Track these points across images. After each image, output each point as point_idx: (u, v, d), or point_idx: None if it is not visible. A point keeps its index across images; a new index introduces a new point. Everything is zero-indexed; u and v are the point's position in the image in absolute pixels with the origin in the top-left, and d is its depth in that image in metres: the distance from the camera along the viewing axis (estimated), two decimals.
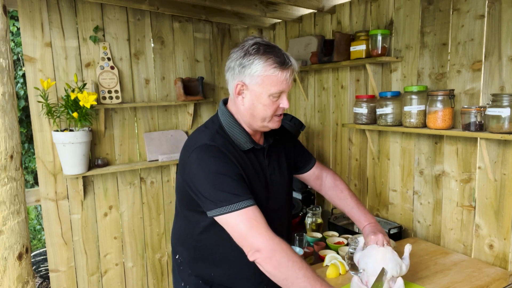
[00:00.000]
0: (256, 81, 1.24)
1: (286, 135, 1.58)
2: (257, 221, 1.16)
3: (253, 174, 1.32)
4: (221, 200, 1.18)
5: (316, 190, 1.71)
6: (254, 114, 1.28)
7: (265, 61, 1.22)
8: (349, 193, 1.62)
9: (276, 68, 1.22)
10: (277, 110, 1.28)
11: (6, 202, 0.86)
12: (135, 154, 2.76)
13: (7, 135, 0.85)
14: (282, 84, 1.24)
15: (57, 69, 2.40)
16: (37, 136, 2.36)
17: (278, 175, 1.43)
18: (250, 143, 1.32)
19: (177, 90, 2.78)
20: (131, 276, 2.78)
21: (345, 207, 1.61)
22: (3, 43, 0.85)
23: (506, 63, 1.71)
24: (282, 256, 1.13)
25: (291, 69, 1.26)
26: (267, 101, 1.25)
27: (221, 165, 1.22)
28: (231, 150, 1.28)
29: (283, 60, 1.24)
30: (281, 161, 1.47)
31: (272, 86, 1.23)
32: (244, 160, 1.30)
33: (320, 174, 1.67)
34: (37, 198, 2.43)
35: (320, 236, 2.21)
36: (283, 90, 1.26)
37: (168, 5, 2.60)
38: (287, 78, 1.25)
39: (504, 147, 1.74)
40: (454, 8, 1.91)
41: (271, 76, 1.22)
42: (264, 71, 1.22)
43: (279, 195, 1.42)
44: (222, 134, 1.31)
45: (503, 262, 1.78)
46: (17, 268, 0.89)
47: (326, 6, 2.56)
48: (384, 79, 2.30)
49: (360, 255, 1.45)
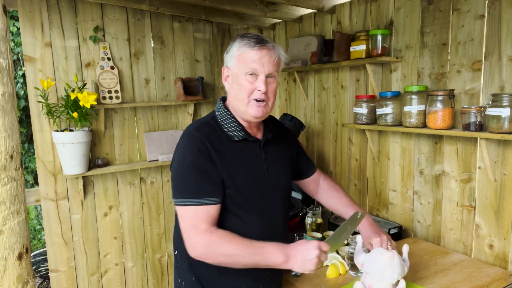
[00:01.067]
0: (233, 62, 1.29)
1: (289, 135, 1.58)
2: (202, 221, 1.22)
3: (242, 165, 1.32)
4: (181, 191, 1.25)
5: (311, 195, 1.71)
6: (236, 97, 1.31)
7: (240, 41, 1.28)
8: (344, 193, 1.63)
9: (248, 46, 1.26)
10: (253, 92, 1.28)
11: (6, 202, 0.86)
12: (135, 154, 2.76)
13: (7, 135, 0.86)
14: (254, 63, 1.25)
15: (57, 69, 2.40)
16: (37, 136, 2.36)
17: (277, 171, 1.41)
18: (242, 133, 1.33)
19: (177, 90, 2.78)
20: (131, 276, 2.78)
21: (339, 205, 1.60)
22: (3, 43, 0.85)
23: (506, 63, 1.71)
24: (215, 248, 1.20)
25: (268, 50, 1.27)
26: (242, 81, 1.27)
27: (195, 158, 1.25)
28: (219, 139, 1.30)
29: (258, 40, 1.27)
30: (282, 158, 1.46)
31: (244, 64, 1.26)
32: (233, 150, 1.31)
33: (318, 178, 1.68)
34: (37, 198, 2.43)
35: (320, 236, 2.21)
36: (256, 69, 1.26)
37: (168, 5, 2.60)
38: (261, 58, 1.25)
39: (504, 147, 1.74)
40: (454, 8, 1.91)
41: (243, 54, 1.26)
42: (237, 50, 1.28)
43: (276, 191, 1.40)
44: (212, 124, 1.34)
45: (503, 262, 1.78)
46: (17, 268, 0.89)
47: (326, 6, 2.56)
48: (384, 79, 2.30)
49: (366, 258, 1.41)
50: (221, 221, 1.30)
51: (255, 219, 1.33)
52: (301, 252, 1.17)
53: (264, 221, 1.34)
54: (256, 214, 1.34)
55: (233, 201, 1.30)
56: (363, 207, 2.53)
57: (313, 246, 1.16)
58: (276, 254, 1.18)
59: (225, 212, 1.30)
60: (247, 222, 1.32)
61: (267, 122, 1.45)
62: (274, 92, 1.31)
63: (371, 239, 1.46)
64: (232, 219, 1.31)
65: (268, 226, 1.36)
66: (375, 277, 1.36)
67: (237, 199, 1.30)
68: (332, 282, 1.61)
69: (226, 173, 1.27)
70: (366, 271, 1.40)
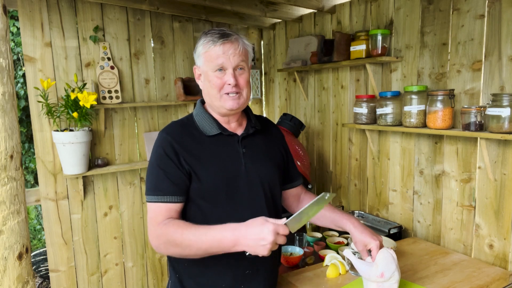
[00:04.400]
0: (201, 61, 1.30)
1: (278, 134, 1.53)
2: (160, 215, 1.25)
3: (214, 160, 1.31)
4: (147, 188, 1.29)
5: (290, 210, 1.59)
6: (209, 93, 1.32)
7: (204, 39, 1.29)
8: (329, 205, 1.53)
9: (211, 43, 1.26)
10: (223, 87, 1.28)
11: (6, 202, 0.86)
12: (135, 154, 2.76)
13: (7, 135, 0.86)
14: (219, 58, 1.25)
15: (57, 69, 2.40)
16: (37, 136, 2.36)
17: (258, 167, 1.36)
18: (216, 128, 1.34)
19: (177, 90, 2.78)
20: (131, 276, 2.78)
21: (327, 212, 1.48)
22: (3, 43, 0.85)
23: (506, 63, 1.71)
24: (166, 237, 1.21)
25: (232, 43, 1.26)
26: (212, 78, 1.28)
27: (160, 158, 1.29)
28: (191, 137, 1.32)
29: (221, 35, 1.26)
30: (267, 155, 1.41)
31: (210, 61, 1.27)
32: (205, 146, 1.32)
33: (300, 192, 1.59)
34: (37, 198, 2.43)
35: (320, 236, 2.21)
36: (223, 64, 1.26)
37: (168, 5, 2.60)
38: (225, 52, 1.25)
39: (504, 147, 1.74)
40: (454, 8, 1.91)
41: (208, 51, 1.27)
42: (203, 49, 1.28)
43: (256, 187, 1.34)
44: (185, 123, 1.36)
45: (503, 262, 1.78)
46: (17, 268, 0.89)
47: (326, 6, 2.56)
48: (384, 79, 2.30)
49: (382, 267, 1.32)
50: (191, 216, 1.30)
51: (228, 215, 1.28)
52: (254, 236, 1.08)
53: (240, 217, 1.21)
54: (229, 210, 1.29)
55: (201, 195, 1.29)
56: (363, 207, 2.53)
57: (268, 231, 1.06)
58: (225, 236, 1.12)
59: (193, 207, 1.30)
60: (218, 217, 1.28)
61: (249, 118, 1.43)
62: (246, 82, 1.31)
63: (369, 244, 1.37)
64: (201, 214, 1.30)
65: None
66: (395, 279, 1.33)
67: (204, 193, 1.28)
68: (332, 282, 1.61)
69: (193, 168, 1.27)
70: (387, 277, 1.33)
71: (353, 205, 2.63)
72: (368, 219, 2.43)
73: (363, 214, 2.48)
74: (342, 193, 2.71)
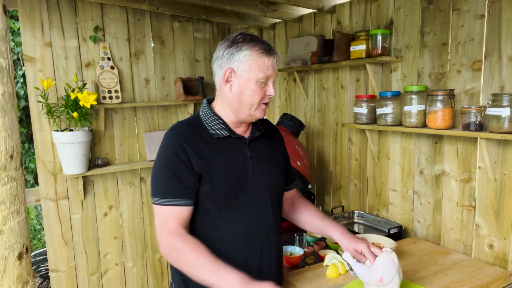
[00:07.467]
0: (244, 66, 1.28)
1: (279, 137, 1.55)
2: (172, 221, 1.24)
3: (223, 162, 1.31)
4: (155, 190, 1.28)
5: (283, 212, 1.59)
6: (242, 101, 1.30)
7: (252, 47, 1.27)
8: (315, 208, 1.57)
9: (262, 54, 1.27)
10: (264, 97, 1.31)
11: (6, 202, 0.86)
12: (135, 154, 2.76)
13: (7, 135, 0.86)
14: (269, 69, 1.28)
15: (57, 69, 2.40)
16: (37, 136, 2.36)
17: (264, 170, 1.38)
18: (225, 131, 1.33)
19: (177, 90, 2.78)
20: (131, 276, 2.78)
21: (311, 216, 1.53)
22: (3, 43, 0.85)
23: (506, 63, 1.71)
24: (177, 252, 1.22)
25: (276, 57, 1.31)
26: (254, 87, 1.28)
27: (169, 159, 1.28)
28: (199, 137, 1.31)
29: (268, 47, 1.29)
30: (272, 158, 1.43)
31: (259, 71, 1.27)
32: (214, 147, 1.31)
33: (294, 196, 1.61)
34: (37, 198, 2.43)
35: (320, 236, 2.21)
36: (270, 76, 1.29)
37: (168, 5, 2.60)
38: (273, 64, 1.29)
39: (504, 147, 1.74)
40: (454, 8, 1.91)
41: (258, 61, 1.27)
42: (251, 57, 1.27)
43: (262, 190, 1.36)
44: (193, 123, 1.35)
45: (503, 262, 1.78)
46: (17, 268, 0.89)
47: (326, 6, 2.56)
48: (384, 79, 2.30)
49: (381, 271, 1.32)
50: (197, 218, 1.30)
51: (236, 217, 1.30)
52: None
53: (247, 220, 1.29)
54: (237, 213, 1.31)
55: (210, 198, 1.29)
56: (363, 207, 2.53)
57: None
58: (234, 283, 1.15)
59: (200, 210, 1.30)
60: (226, 220, 1.30)
61: (255, 121, 1.43)
62: None
63: (358, 248, 1.39)
64: (209, 216, 1.30)
65: (253, 226, 1.33)
66: (395, 282, 1.33)
67: (214, 196, 1.29)
68: (332, 282, 1.61)
69: (204, 170, 1.27)
70: (386, 282, 1.32)
71: (353, 205, 2.63)
72: (368, 219, 2.43)
73: (363, 214, 2.48)
74: (342, 193, 2.71)
